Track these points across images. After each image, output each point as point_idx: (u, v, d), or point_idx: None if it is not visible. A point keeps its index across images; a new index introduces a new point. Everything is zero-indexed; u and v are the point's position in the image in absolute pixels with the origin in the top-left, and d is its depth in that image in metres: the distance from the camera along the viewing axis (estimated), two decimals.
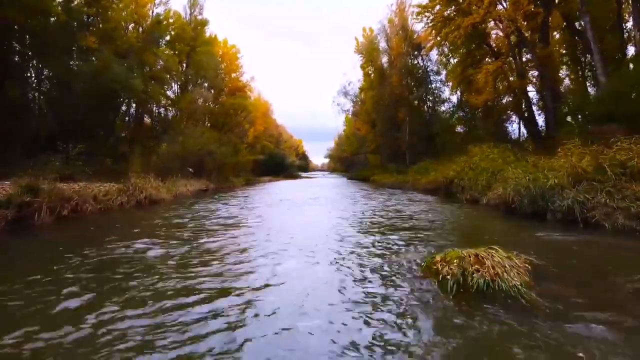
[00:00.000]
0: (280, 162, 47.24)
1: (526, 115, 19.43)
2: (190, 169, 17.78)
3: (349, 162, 55.84)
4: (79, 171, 11.39)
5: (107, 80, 15.10)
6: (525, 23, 14.49)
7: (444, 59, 22.87)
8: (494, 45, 19.57)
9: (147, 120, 25.11)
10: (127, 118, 22.79)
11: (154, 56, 18.68)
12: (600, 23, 14.30)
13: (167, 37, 25.69)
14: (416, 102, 31.03)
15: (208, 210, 9.79)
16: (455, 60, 21.09)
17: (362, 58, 34.84)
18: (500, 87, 16.27)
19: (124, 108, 21.36)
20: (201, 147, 17.65)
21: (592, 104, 13.13)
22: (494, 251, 3.90)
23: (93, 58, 15.67)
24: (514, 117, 21.33)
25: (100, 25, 17.59)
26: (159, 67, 21.73)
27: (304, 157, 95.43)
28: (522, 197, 7.25)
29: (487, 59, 19.55)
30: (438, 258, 3.68)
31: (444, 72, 27.99)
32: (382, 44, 32.53)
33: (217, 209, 9.97)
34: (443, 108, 28.66)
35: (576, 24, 15.96)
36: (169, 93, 26.80)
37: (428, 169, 17.91)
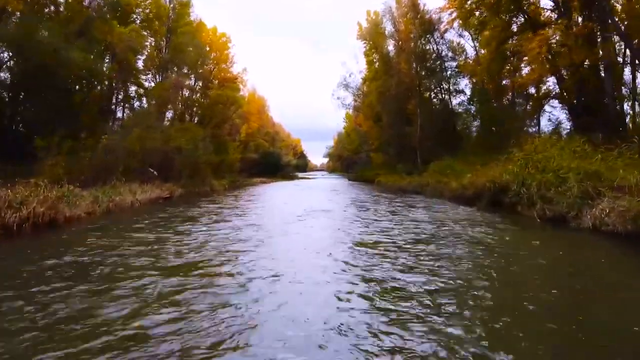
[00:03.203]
0: (275, 161, 43.55)
1: (575, 102, 15.74)
2: (152, 170, 13.93)
3: (349, 161, 52.61)
4: None
5: (33, 51, 11.26)
6: None
7: (472, 33, 18.98)
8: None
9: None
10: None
11: (107, 27, 14.74)
12: None
13: (140, 18, 22.22)
14: (428, 93, 27.35)
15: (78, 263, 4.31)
16: (484, 35, 17.27)
17: (365, 45, 31.10)
18: (557, 60, 12.43)
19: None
20: (165, 142, 13.76)
21: None
22: None
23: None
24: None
25: None
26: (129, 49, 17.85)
27: (302, 156, 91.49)
28: None
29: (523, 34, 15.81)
30: None
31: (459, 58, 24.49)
32: (389, 28, 28.73)
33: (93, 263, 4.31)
34: (460, 99, 24.93)
35: None
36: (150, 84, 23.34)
37: (455, 169, 14.09)
